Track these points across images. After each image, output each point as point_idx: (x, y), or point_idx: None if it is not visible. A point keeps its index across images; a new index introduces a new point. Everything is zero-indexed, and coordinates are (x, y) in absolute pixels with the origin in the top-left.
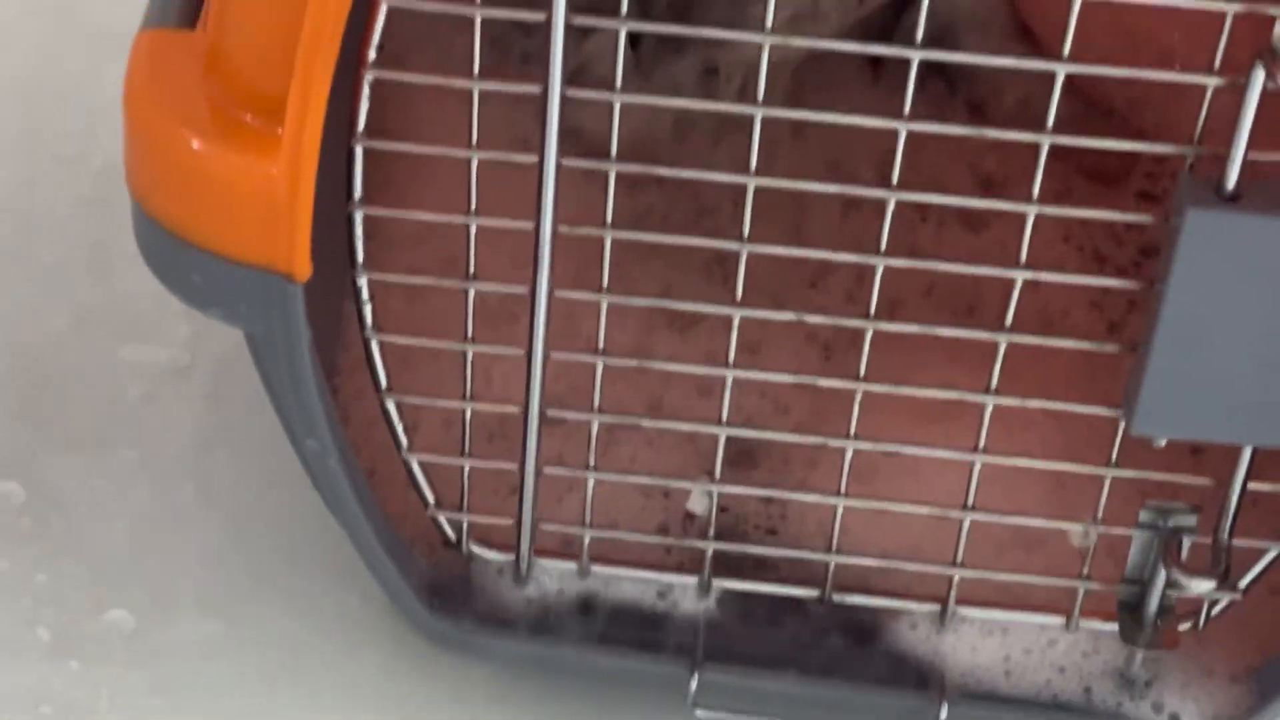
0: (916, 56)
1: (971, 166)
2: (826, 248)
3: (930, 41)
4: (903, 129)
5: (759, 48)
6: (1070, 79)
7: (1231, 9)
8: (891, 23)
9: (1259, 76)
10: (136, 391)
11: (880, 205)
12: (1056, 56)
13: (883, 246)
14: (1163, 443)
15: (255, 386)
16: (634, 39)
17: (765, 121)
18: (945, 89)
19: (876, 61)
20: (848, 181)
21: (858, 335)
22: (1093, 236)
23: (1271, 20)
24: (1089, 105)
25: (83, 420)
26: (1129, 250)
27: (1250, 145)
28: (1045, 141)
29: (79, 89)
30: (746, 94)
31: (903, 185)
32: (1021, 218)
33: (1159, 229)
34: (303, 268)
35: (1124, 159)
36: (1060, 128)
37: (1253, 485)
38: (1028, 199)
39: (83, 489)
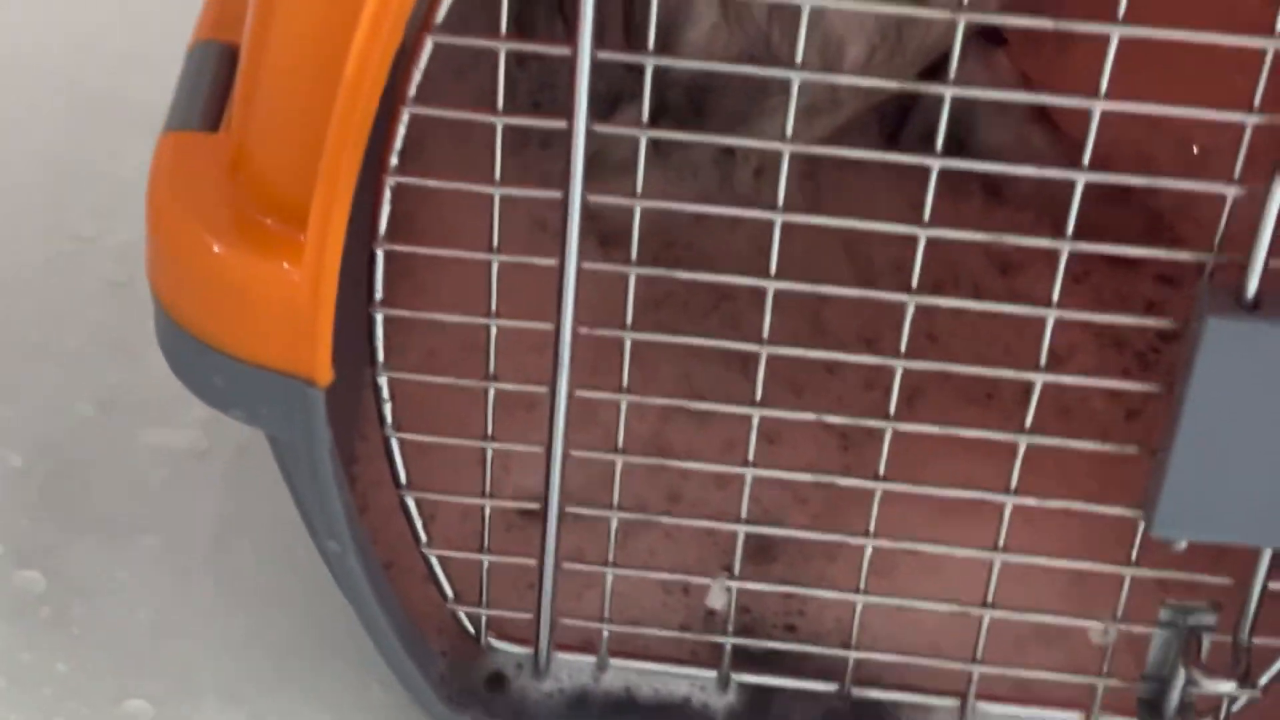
0: (936, 164)
1: (988, 250)
2: (845, 329)
3: (949, 121)
4: (922, 235)
5: (776, 129)
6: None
7: (1251, 121)
8: (910, 101)
9: (1279, 188)
10: (157, 477)
11: (899, 285)
12: (1075, 137)
13: (902, 348)
14: (1183, 545)
15: (275, 471)
16: (653, 120)
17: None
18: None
19: (894, 134)
20: (863, 261)
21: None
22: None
23: None
24: (1109, 185)
25: (104, 507)
26: (1147, 335)
27: (1272, 252)
28: (1065, 248)
29: (101, 167)
30: (763, 175)
31: (921, 267)
32: (1040, 299)
33: (1177, 311)
34: (324, 373)
35: (1143, 240)
36: (1079, 206)
37: (1273, 585)
38: (1045, 278)
39: (104, 577)
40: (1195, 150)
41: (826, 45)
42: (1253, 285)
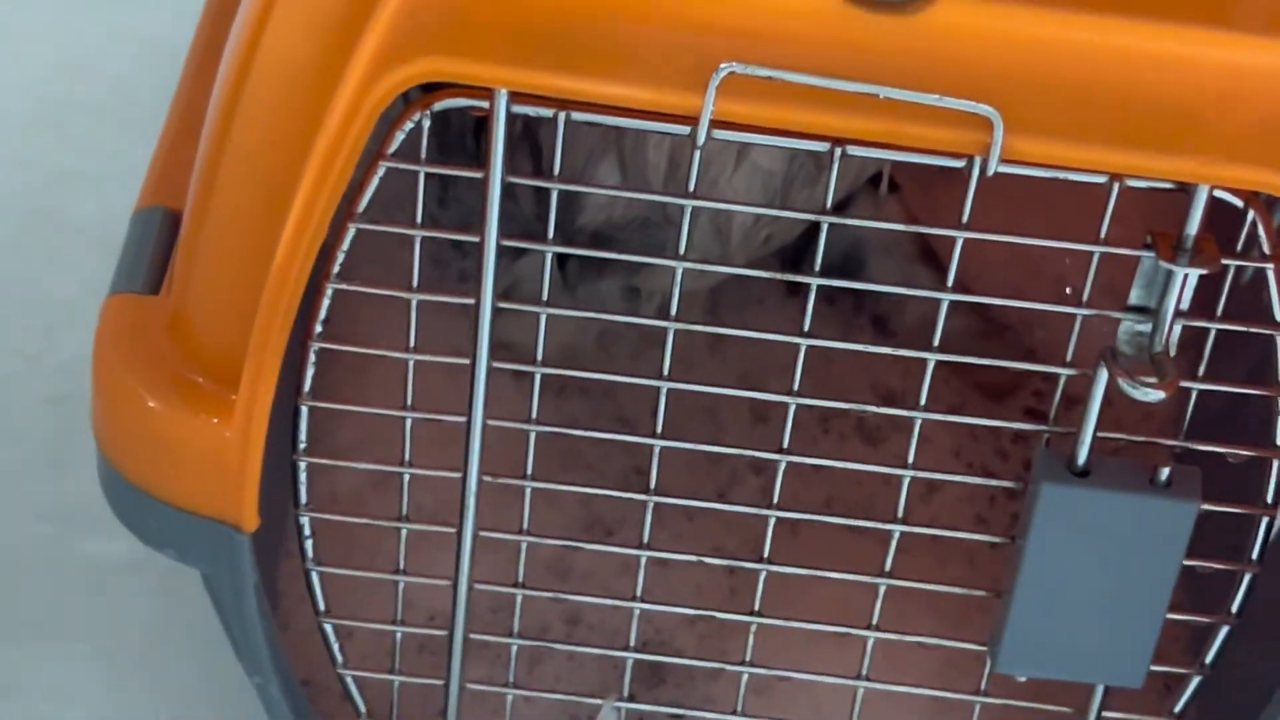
0: (815, 283)
1: (874, 383)
2: (737, 458)
3: (840, 259)
4: (804, 344)
5: (673, 274)
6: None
7: (1097, 251)
8: (805, 244)
9: (1103, 374)
10: (92, 586)
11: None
12: (961, 279)
13: (784, 443)
14: (1023, 679)
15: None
16: (561, 262)
17: (684, 340)
18: (852, 306)
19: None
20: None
21: (762, 547)
22: (980, 453)
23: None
24: (987, 321)
25: (39, 612)
26: (1014, 465)
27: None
28: (931, 359)
29: (43, 285)
30: (665, 313)
31: (811, 397)
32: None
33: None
34: (250, 519)
35: (1013, 376)
36: (958, 343)
37: (1107, 714)
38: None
39: (38, 679)
40: (1069, 291)
41: (717, 213)
42: (1083, 455)
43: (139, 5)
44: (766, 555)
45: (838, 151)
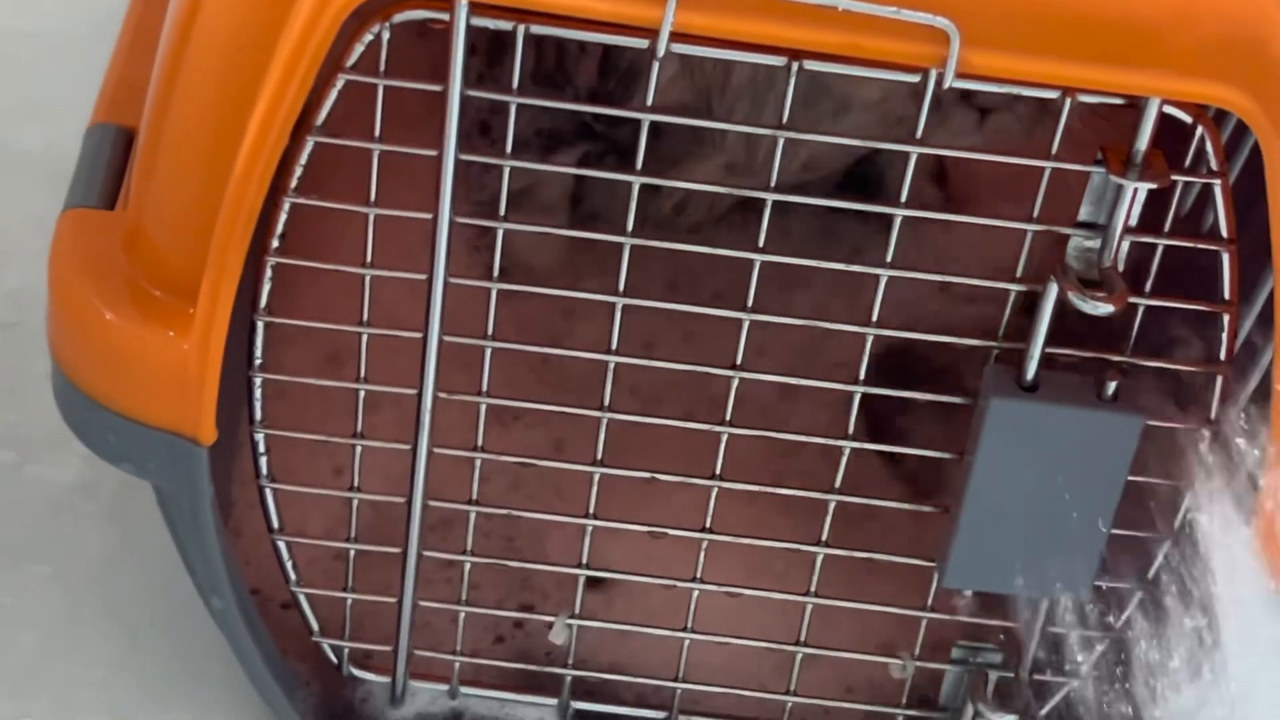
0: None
1: None
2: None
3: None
4: (757, 259)
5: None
6: None
7: (1049, 167)
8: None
9: (1053, 289)
10: (45, 510)
11: (717, 330)
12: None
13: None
14: (969, 594)
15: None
16: (599, 158)
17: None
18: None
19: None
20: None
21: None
22: None
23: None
24: None
25: None
26: None
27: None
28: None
29: None
30: (684, 211)
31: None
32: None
33: None
34: (208, 432)
35: None
36: None
37: (1050, 630)
38: None
39: None
40: None
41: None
42: (1031, 370)
43: None
44: (718, 471)
45: (794, 66)
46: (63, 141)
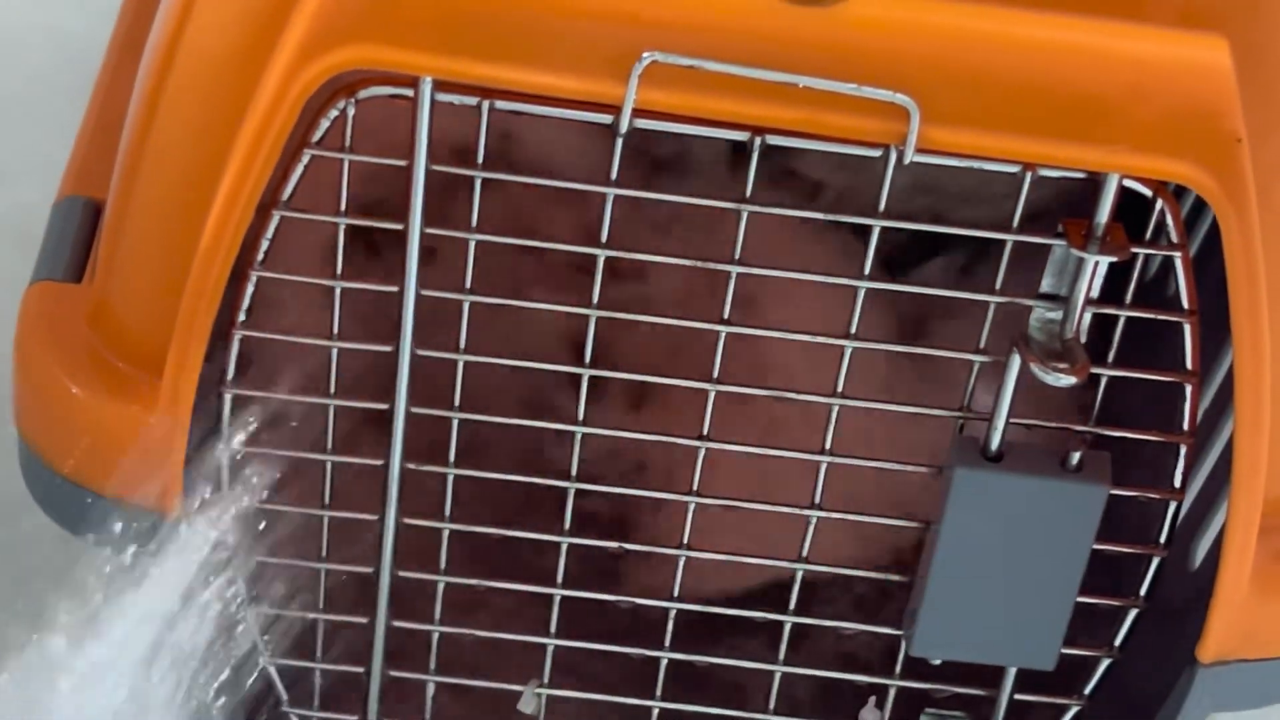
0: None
1: None
2: None
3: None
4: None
5: None
6: None
7: (1010, 239)
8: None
9: (1015, 360)
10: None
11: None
12: None
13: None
14: (938, 661)
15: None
16: None
17: None
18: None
19: None
20: None
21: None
22: None
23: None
24: None
25: None
26: None
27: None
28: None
29: None
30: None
31: None
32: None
33: None
34: (174, 505)
35: None
36: None
37: (1018, 696)
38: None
39: None
40: None
41: None
42: (995, 440)
43: (53, 0)
44: (705, 431)
45: (758, 141)
46: (30, 205)
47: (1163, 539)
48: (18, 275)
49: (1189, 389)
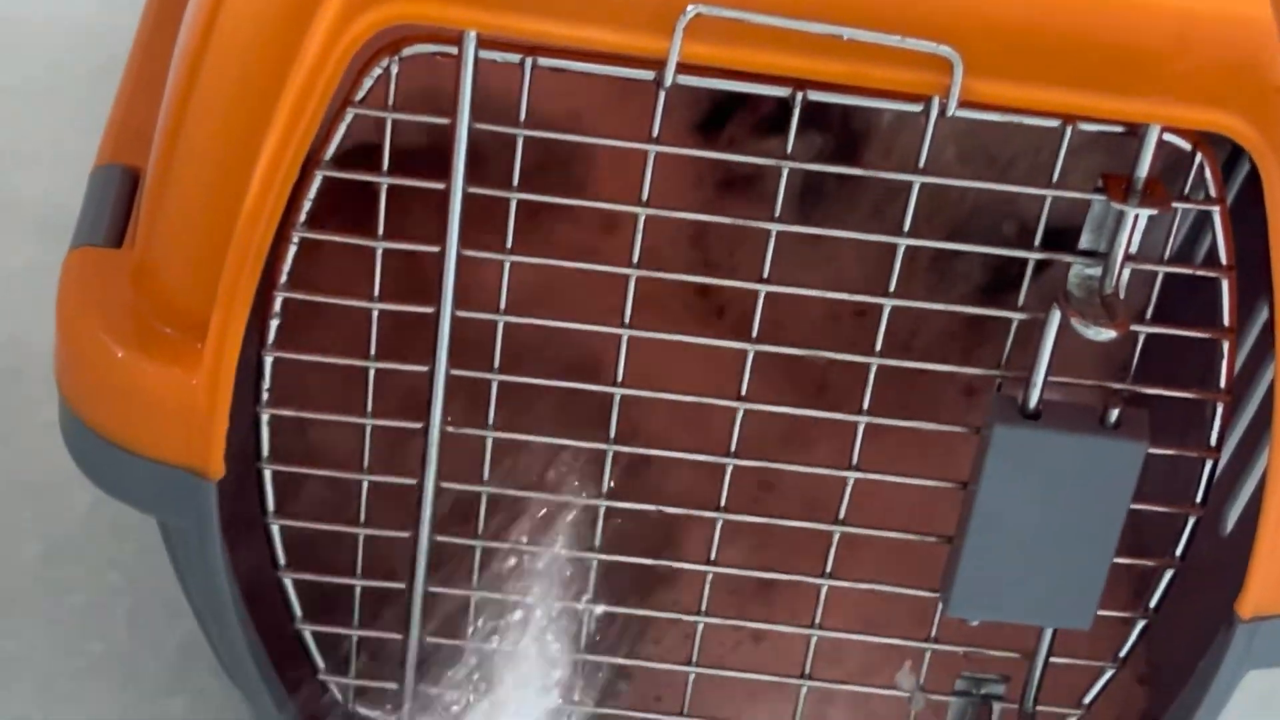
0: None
1: None
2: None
3: None
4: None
5: None
6: None
7: (1050, 195)
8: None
9: (1055, 316)
10: (40, 556)
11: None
12: None
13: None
14: (975, 622)
15: (147, 545)
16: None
17: None
18: None
19: None
20: None
21: None
22: None
23: None
24: None
25: None
26: None
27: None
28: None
29: None
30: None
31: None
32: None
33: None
34: (217, 467)
35: None
36: None
37: (1054, 660)
38: None
39: None
40: None
41: None
42: (1034, 398)
43: None
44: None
45: (799, 96)
46: (52, 191)
47: (1199, 498)
48: (38, 261)
49: (1225, 345)
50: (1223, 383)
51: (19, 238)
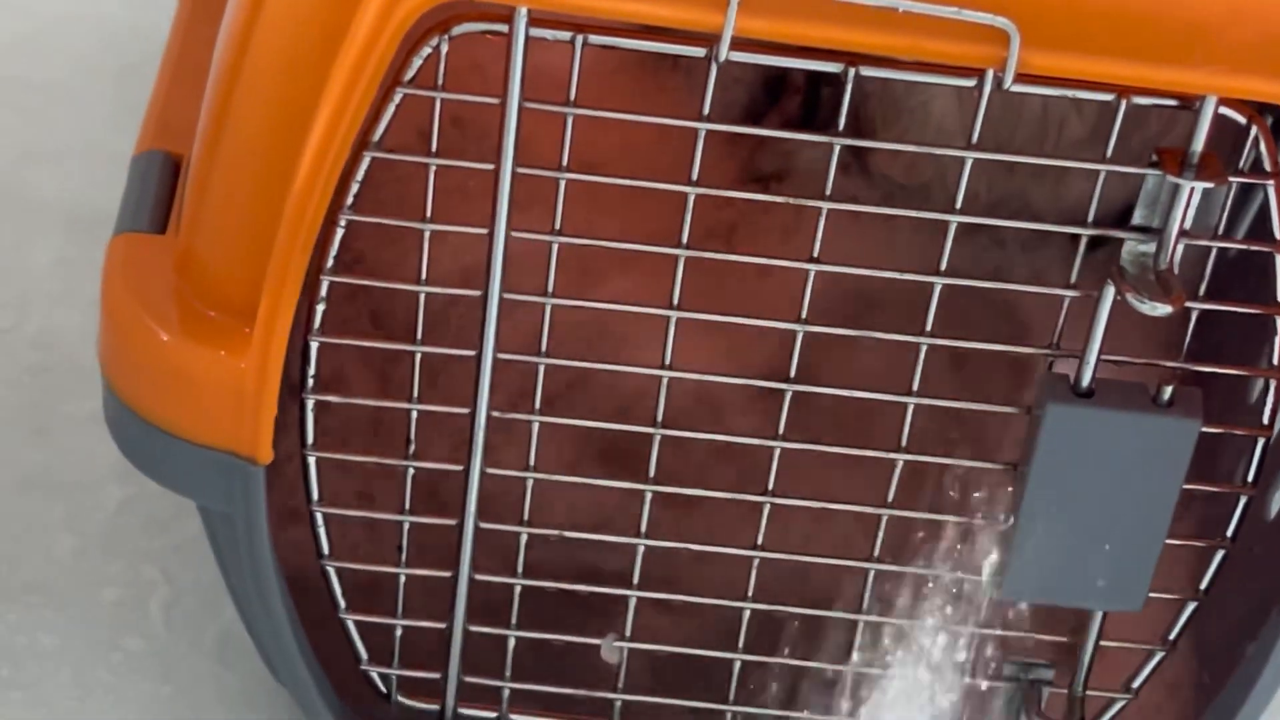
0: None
1: None
2: None
3: None
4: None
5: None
6: None
7: (1104, 170)
8: None
9: (1109, 293)
10: (72, 551)
11: None
12: None
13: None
14: (1024, 606)
15: (185, 540)
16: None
17: None
18: None
19: None
20: None
21: None
22: None
23: None
24: None
25: (25, 579)
26: None
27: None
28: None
29: (9, 261)
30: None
31: None
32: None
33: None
34: (265, 452)
35: None
36: None
37: (1103, 643)
38: None
39: (28, 642)
40: None
41: None
42: (1087, 376)
43: None
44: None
45: (850, 72)
46: (80, 187)
47: (1250, 477)
48: (66, 256)
49: (1279, 321)
50: (1276, 358)
51: (47, 234)
